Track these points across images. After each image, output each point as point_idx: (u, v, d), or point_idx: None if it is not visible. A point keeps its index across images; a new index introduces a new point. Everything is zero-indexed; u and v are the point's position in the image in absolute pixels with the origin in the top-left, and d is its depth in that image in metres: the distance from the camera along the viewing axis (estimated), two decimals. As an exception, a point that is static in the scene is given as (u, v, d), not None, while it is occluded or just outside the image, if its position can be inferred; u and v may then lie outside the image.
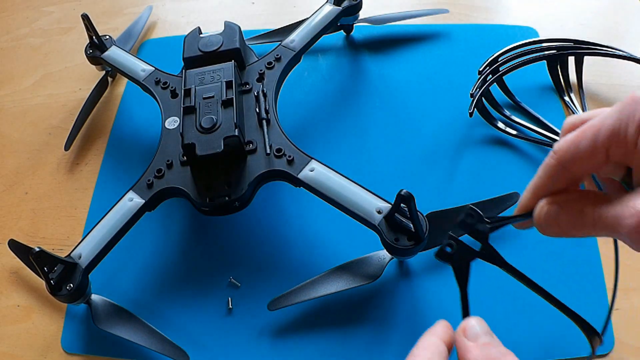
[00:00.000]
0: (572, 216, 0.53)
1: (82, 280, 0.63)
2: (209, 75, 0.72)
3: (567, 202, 0.53)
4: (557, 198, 0.54)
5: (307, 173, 0.66)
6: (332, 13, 0.83)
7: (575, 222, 0.53)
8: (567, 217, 0.53)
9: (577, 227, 0.53)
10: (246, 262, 0.73)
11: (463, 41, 0.91)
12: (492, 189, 0.72)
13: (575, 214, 0.52)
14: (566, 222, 0.53)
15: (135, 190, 0.68)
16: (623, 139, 0.50)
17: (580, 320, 0.59)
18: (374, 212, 0.62)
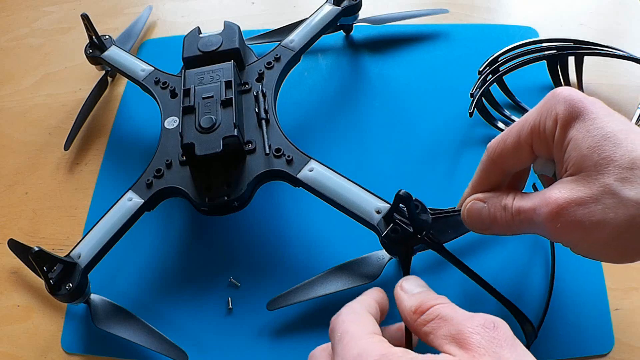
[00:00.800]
0: (494, 211, 0.55)
1: (82, 279, 0.63)
2: (209, 75, 0.72)
3: (490, 198, 0.56)
4: (483, 195, 0.57)
5: (306, 173, 0.66)
6: (332, 13, 0.83)
7: (497, 217, 0.54)
8: (489, 212, 0.55)
9: (499, 221, 0.54)
10: (246, 262, 0.72)
11: (463, 41, 0.91)
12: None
13: (497, 209, 0.54)
14: (488, 217, 0.55)
15: (134, 190, 0.68)
16: (542, 133, 0.52)
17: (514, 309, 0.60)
18: (372, 212, 0.62)
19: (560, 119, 0.51)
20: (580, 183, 0.48)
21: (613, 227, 0.46)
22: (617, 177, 0.47)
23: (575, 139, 0.50)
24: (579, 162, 0.49)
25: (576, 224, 0.47)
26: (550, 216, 0.49)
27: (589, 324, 0.65)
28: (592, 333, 0.64)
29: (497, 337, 0.44)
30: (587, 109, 0.50)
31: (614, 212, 0.46)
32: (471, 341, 0.44)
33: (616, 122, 0.49)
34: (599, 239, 0.47)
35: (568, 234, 0.49)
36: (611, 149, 0.48)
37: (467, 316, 0.46)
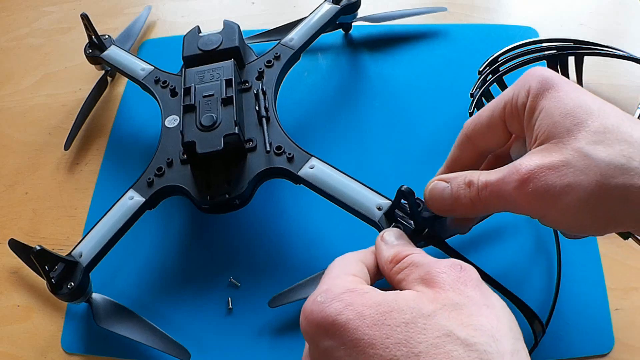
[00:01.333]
0: (456, 189, 0.54)
1: (83, 278, 0.63)
2: (209, 74, 0.72)
3: (455, 178, 0.54)
4: (446, 176, 0.55)
5: (307, 170, 0.66)
6: (331, 11, 0.83)
7: (460, 196, 0.53)
8: (451, 192, 0.54)
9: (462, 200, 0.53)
10: (246, 261, 0.73)
11: (463, 41, 0.91)
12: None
13: (460, 187, 0.53)
14: (450, 196, 0.54)
15: (135, 188, 0.68)
16: (515, 107, 0.52)
17: (521, 304, 0.60)
18: (374, 208, 0.62)
19: (532, 91, 0.51)
20: (551, 149, 0.48)
21: (584, 189, 0.45)
22: (589, 141, 0.46)
23: (547, 108, 0.49)
24: (550, 129, 0.48)
25: (547, 189, 0.46)
26: (520, 183, 0.48)
27: (589, 324, 0.65)
28: (592, 333, 0.64)
29: (463, 277, 0.45)
30: (559, 82, 0.50)
31: (585, 174, 0.45)
32: (437, 279, 0.44)
33: (588, 95, 0.50)
34: (570, 203, 0.46)
35: (538, 201, 0.47)
36: (583, 116, 0.47)
37: (436, 260, 0.47)
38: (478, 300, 0.43)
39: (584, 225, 0.48)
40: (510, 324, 0.42)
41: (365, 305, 0.43)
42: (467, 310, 0.42)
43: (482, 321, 0.41)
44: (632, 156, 0.45)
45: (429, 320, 0.41)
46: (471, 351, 0.39)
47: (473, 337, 0.40)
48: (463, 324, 0.41)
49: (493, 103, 0.55)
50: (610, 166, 0.45)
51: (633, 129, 0.47)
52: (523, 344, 0.42)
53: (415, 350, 0.40)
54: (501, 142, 0.56)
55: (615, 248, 0.69)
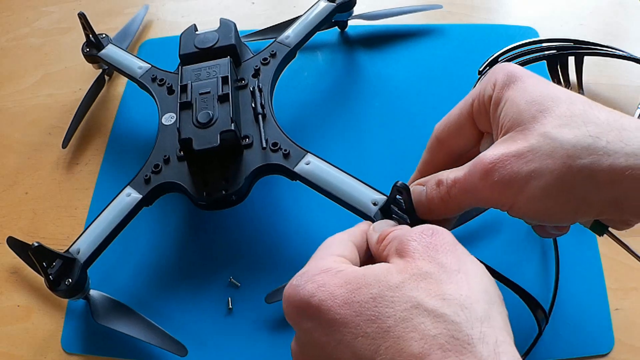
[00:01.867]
0: (430, 191, 0.53)
1: (81, 275, 0.64)
2: (205, 72, 0.73)
3: (429, 180, 0.54)
4: (423, 179, 0.55)
5: (303, 166, 0.66)
6: (327, 9, 0.83)
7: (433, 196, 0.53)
8: (426, 195, 0.54)
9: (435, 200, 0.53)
10: (244, 259, 0.73)
11: (463, 41, 0.91)
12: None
13: (432, 188, 0.53)
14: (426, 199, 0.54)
15: (132, 185, 0.69)
16: (482, 103, 0.51)
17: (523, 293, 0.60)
18: (369, 203, 0.62)
19: (498, 84, 0.50)
20: (516, 137, 0.47)
21: (551, 172, 0.45)
22: (554, 125, 0.45)
23: (512, 97, 0.49)
24: (515, 117, 0.48)
25: (512, 177, 0.46)
26: (484, 174, 0.47)
27: (589, 324, 0.65)
28: (592, 333, 0.64)
29: (434, 242, 0.45)
30: (525, 74, 0.50)
31: (551, 157, 0.44)
32: (408, 248, 0.44)
33: (555, 85, 0.49)
34: (537, 188, 0.45)
35: (504, 190, 0.47)
36: (549, 103, 0.47)
37: (410, 228, 0.47)
38: (449, 267, 0.43)
39: (553, 211, 0.47)
40: (484, 288, 0.42)
41: (337, 285, 0.43)
42: (436, 279, 0.42)
43: (451, 289, 0.41)
44: (599, 136, 0.44)
45: (397, 292, 0.41)
46: (438, 322, 0.39)
47: (441, 307, 0.40)
48: (431, 294, 0.41)
49: (461, 102, 0.55)
50: (576, 147, 0.44)
51: (600, 112, 0.46)
52: (499, 308, 0.42)
53: (384, 326, 0.40)
54: (472, 142, 0.55)
55: (615, 248, 0.68)
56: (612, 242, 0.67)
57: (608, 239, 0.67)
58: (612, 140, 0.44)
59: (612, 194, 0.44)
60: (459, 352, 0.37)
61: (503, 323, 0.41)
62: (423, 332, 0.39)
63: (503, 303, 0.43)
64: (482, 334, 0.38)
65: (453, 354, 0.37)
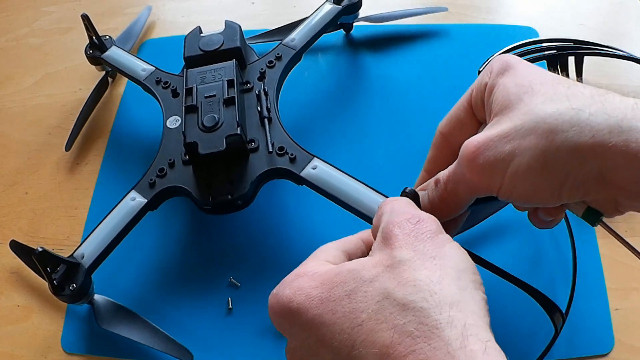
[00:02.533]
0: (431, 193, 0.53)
1: (85, 280, 0.64)
2: (210, 74, 0.72)
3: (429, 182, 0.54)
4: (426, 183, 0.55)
5: (309, 171, 0.66)
6: (332, 12, 0.83)
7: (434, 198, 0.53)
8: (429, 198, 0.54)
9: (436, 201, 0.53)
10: (247, 261, 0.73)
11: (463, 41, 0.91)
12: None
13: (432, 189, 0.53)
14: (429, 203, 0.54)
15: (137, 189, 0.68)
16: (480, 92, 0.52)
17: (541, 297, 0.60)
18: (376, 209, 0.61)
19: (493, 73, 0.50)
20: (502, 120, 0.47)
21: (534, 147, 0.44)
22: (538, 102, 0.45)
23: (504, 83, 0.49)
24: (504, 100, 0.48)
25: (495, 158, 0.46)
26: (469, 160, 0.47)
27: (589, 324, 0.65)
28: (592, 333, 0.65)
29: (416, 230, 0.45)
30: (519, 63, 0.50)
31: (534, 132, 0.44)
32: (391, 235, 0.45)
33: (547, 73, 0.49)
34: (520, 166, 0.45)
35: (489, 172, 0.47)
36: (536, 85, 0.47)
37: (399, 212, 0.47)
38: (426, 253, 0.43)
39: (538, 189, 0.46)
40: (457, 274, 0.42)
41: (313, 287, 0.44)
42: (409, 265, 0.42)
43: (422, 275, 0.41)
44: (582, 108, 0.44)
45: (370, 286, 0.42)
46: (407, 311, 0.39)
47: (410, 294, 0.40)
48: (401, 283, 0.41)
49: (462, 96, 0.55)
50: (558, 120, 0.44)
51: (585, 88, 0.46)
52: (472, 293, 0.42)
53: (358, 320, 0.40)
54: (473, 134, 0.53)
55: (615, 248, 0.69)
56: (612, 243, 0.68)
57: (608, 240, 0.68)
58: (594, 112, 0.43)
59: (597, 168, 0.44)
60: (427, 337, 0.38)
61: (476, 307, 0.41)
62: (393, 322, 0.39)
63: (480, 287, 0.43)
64: (451, 318, 0.38)
65: (422, 340, 0.38)
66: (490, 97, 0.50)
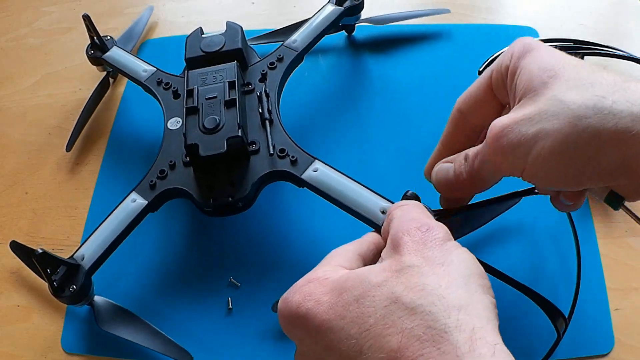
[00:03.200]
0: (458, 166, 0.54)
1: (85, 281, 0.63)
2: (212, 76, 0.72)
3: (456, 157, 0.55)
4: (451, 157, 0.56)
5: (310, 173, 0.66)
6: (334, 13, 0.83)
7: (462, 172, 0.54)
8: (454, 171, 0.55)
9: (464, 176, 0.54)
10: (248, 263, 0.73)
11: (463, 41, 0.91)
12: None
13: (460, 164, 0.54)
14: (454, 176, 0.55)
15: (138, 191, 0.68)
16: (500, 74, 0.52)
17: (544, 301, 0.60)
18: (377, 212, 0.62)
19: (515, 54, 0.51)
20: (526, 103, 0.48)
21: (558, 131, 0.45)
22: (563, 88, 0.46)
23: (526, 65, 0.49)
24: (528, 84, 0.48)
25: (520, 139, 0.47)
26: (495, 140, 0.48)
27: (589, 324, 0.65)
28: (592, 333, 0.65)
29: (425, 238, 0.45)
30: (541, 45, 0.51)
31: (557, 117, 0.45)
32: (400, 242, 0.45)
33: (568, 56, 0.50)
34: (544, 148, 0.46)
35: (513, 153, 0.48)
36: (560, 69, 0.47)
37: (408, 219, 0.48)
38: (435, 259, 0.43)
39: (561, 172, 0.47)
40: (465, 279, 0.43)
41: (323, 292, 0.44)
42: (417, 271, 0.42)
43: (431, 280, 0.41)
44: (605, 95, 0.44)
45: (378, 291, 0.42)
46: (415, 315, 0.39)
47: (418, 299, 0.40)
48: (409, 287, 0.41)
49: (482, 75, 0.55)
50: (582, 107, 0.44)
51: (608, 74, 0.47)
52: (482, 296, 0.42)
53: (366, 325, 0.41)
54: (492, 114, 0.55)
55: (615, 248, 0.70)
56: (612, 242, 0.68)
57: (608, 240, 0.68)
58: (617, 99, 0.44)
59: (620, 155, 0.44)
60: (435, 341, 0.38)
61: (484, 310, 0.41)
62: (401, 326, 0.39)
63: (489, 291, 0.43)
64: (459, 322, 0.39)
65: (430, 344, 0.38)
66: (514, 80, 0.50)
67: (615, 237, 0.69)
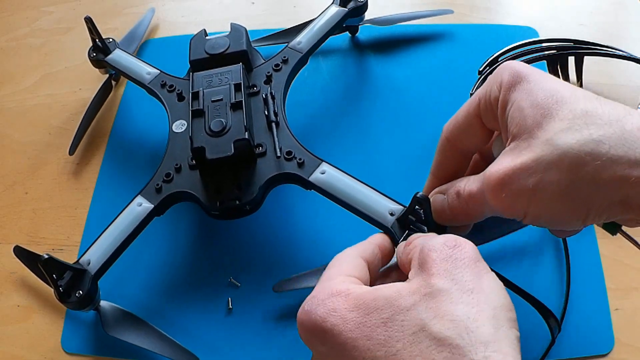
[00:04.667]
0: (451, 201, 0.54)
1: (91, 286, 0.63)
2: (217, 78, 0.72)
3: (449, 188, 0.54)
4: (444, 186, 0.56)
5: (318, 176, 0.66)
6: (339, 14, 0.83)
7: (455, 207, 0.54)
8: (449, 204, 0.54)
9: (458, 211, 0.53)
10: (254, 264, 0.73)
11: (463, 41, 0.91)
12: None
13: (453, 198, 0.53)
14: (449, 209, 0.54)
15: (143, 194, 0.68)
16: (488, 101, 0.51)
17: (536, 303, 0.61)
18: (386, 214, 0.62)
19: (504, 84, 0.50)
20: (522, 147, 0.47)
21: (557, 182, 0.45)
22: (557, 130, 0.45)
23: (518, 101, 0.48)
24: (521, 123, 0.47)
25: (519, 191, 0.46)
26: (494, 192, 0.48)
27: (589, 324, 0.66)
28: (592, 333, 0.65)
29: (454, 256, 0.45)
30: (530, 74, 0.49)
31: (556, 166, 0.44)
32: (428, 260, 0.45)
33: (560, 83, 0.49)
34: (545, 198, 0.45)
35: (515, 203, 0.47)
36: (553, 105, 0.46)
37: (434, 236, 0.48)
38: (464, 285, 0.43)
39: (564, 217, 0.47)
40: (494, 311, 0.42)
41: (348, 309, 0.44)
42: (447, 298, 0.42)
43: (459, 310, 0.41)
44: (601, 139, 0.43)
45: (407, 315, 0.42)
46: (442, 346, 0.39)
47: (447, 329, 0.40)
48: (439, 315, 0.41)
49: (468, 102, 0.54)
50: (580, 153, 0.43)
51: (603, 110, 0.45)
52: (507, 332, 0.42)
53: (393, 350, 0.41)
54: (481, 141, 0.55)
55: (615, 248, 0.70)
56: (612, 243, 0.68)
57: (608, 240, 0.68)
58: (614, 144, 0.43)
59: (619, 197, 0.44)
60: None
61: (510, 347, 0.41)
62: (428, 356, 0.39)
63: (515, 325, 0.43)
64: (485, 358, 0.39)
65: None
66: (505, 114, 0.50)
67: (615, 237, 0.69)
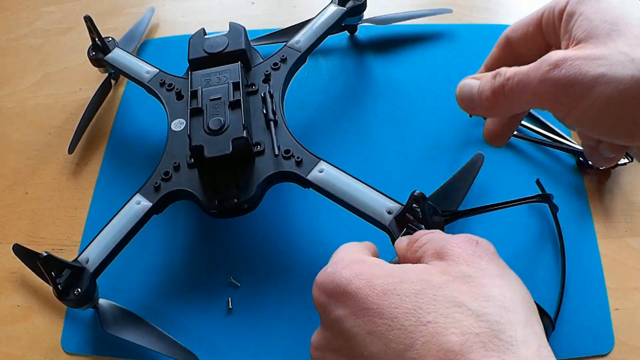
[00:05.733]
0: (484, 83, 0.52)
1: (90, 284, 0.63)
2: (215, 77, 0.72)
3: (484, 75, 0.53)
4: (479, 74, 0.55)
5: (316, 174, 0.66)
6: (337, 13, 0.83)
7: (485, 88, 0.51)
8: (479, 86, 0.52)
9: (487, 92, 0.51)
10: (253, 264, 0.73)
11: (463, 41, 0.91)
12: (493, 188, 0.73)
13: (487, 80, 0.51)
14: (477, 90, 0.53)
15: (142, 193, 0.68)
16: (552, 14, 0.51)
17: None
18: (384, 212, 0.62)
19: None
20: (589, 47, 0.46)
21: (620, 80, 0.44)
22: (628, 44, 0.45)
23: (587, 13, 0.48)
24: (589, 30, 0.47)
25: (578, 77, 0.45)
26: (550, 67, 0.46)
27: (589, 324, 0.66)
28: (592, 333, 0.65)
29: (478, 251, 0.45)
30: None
31: (622, 66, 0.44)
32: (451, 253, 0.45)
33: (627, 12, 0.48)
34: (602, 95, 0.44)
35: (566, 90, 0.45)
36: (623, 26, 0.46)
37: (452, 235, 0.47)
38: (491, 272, 0.43)
39: (612, 123, 0.46)
40: (523, 296, 0.42)
41: (375, 275, 0.44)
42: (478, 282, 0.42)
43: (494, 292, 0.41)
44: None
45: (439, 292, 0.41)
46: (482, 321, 0.39)
47: (484, 307, 0.40)
48: (474, 295, 0.41)
49: (533, 12, 0.54)
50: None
51: None
52: (537, 317, 0.42)
53: (423, 320, 0.40)
54: (539, 50, 0.53)
55: (615, 248, 0.70)
56: (612, 243, 0.68)
57: (608, 240, 0.68)
58: None
59: None
60: (501, 352, 0.37)
61: (542, 332, 0.41)
62: (465, 329, 0.39)
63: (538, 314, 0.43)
64: (526, 338, 0.38)
65: (495, 353, 0.37)
66: (570, 23, 0.49)
67: (615, 237, 0.69)
